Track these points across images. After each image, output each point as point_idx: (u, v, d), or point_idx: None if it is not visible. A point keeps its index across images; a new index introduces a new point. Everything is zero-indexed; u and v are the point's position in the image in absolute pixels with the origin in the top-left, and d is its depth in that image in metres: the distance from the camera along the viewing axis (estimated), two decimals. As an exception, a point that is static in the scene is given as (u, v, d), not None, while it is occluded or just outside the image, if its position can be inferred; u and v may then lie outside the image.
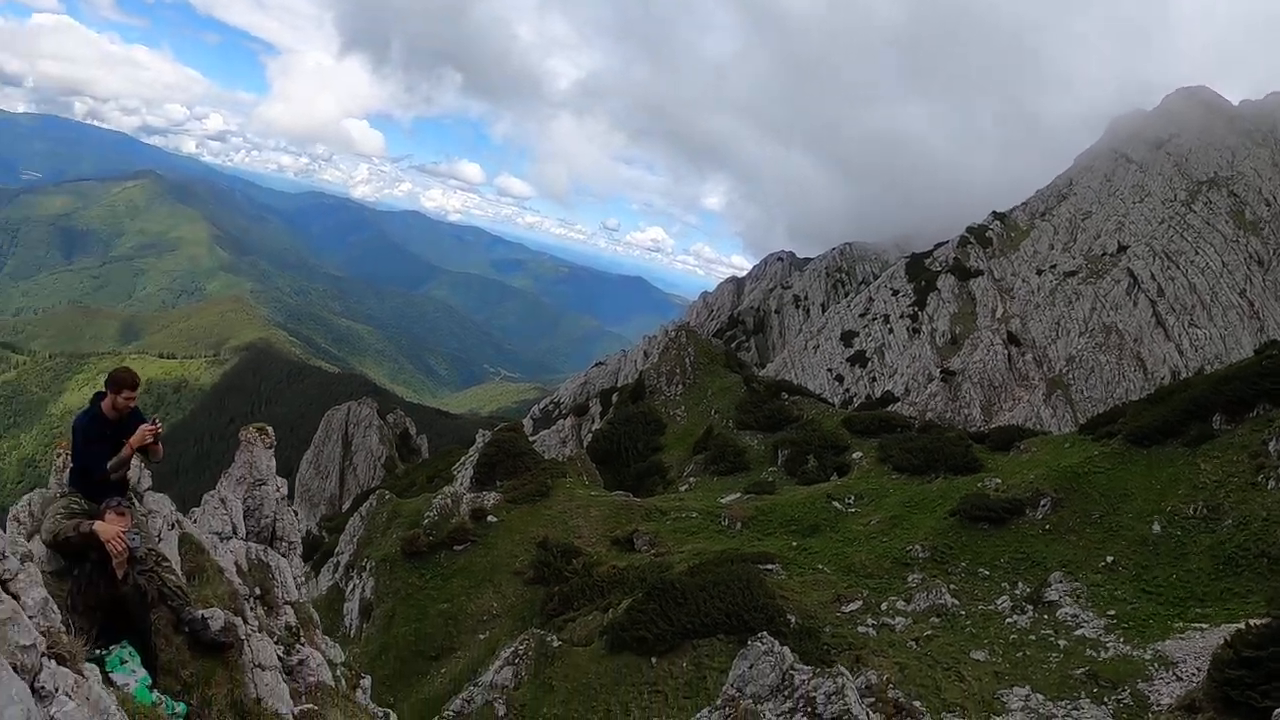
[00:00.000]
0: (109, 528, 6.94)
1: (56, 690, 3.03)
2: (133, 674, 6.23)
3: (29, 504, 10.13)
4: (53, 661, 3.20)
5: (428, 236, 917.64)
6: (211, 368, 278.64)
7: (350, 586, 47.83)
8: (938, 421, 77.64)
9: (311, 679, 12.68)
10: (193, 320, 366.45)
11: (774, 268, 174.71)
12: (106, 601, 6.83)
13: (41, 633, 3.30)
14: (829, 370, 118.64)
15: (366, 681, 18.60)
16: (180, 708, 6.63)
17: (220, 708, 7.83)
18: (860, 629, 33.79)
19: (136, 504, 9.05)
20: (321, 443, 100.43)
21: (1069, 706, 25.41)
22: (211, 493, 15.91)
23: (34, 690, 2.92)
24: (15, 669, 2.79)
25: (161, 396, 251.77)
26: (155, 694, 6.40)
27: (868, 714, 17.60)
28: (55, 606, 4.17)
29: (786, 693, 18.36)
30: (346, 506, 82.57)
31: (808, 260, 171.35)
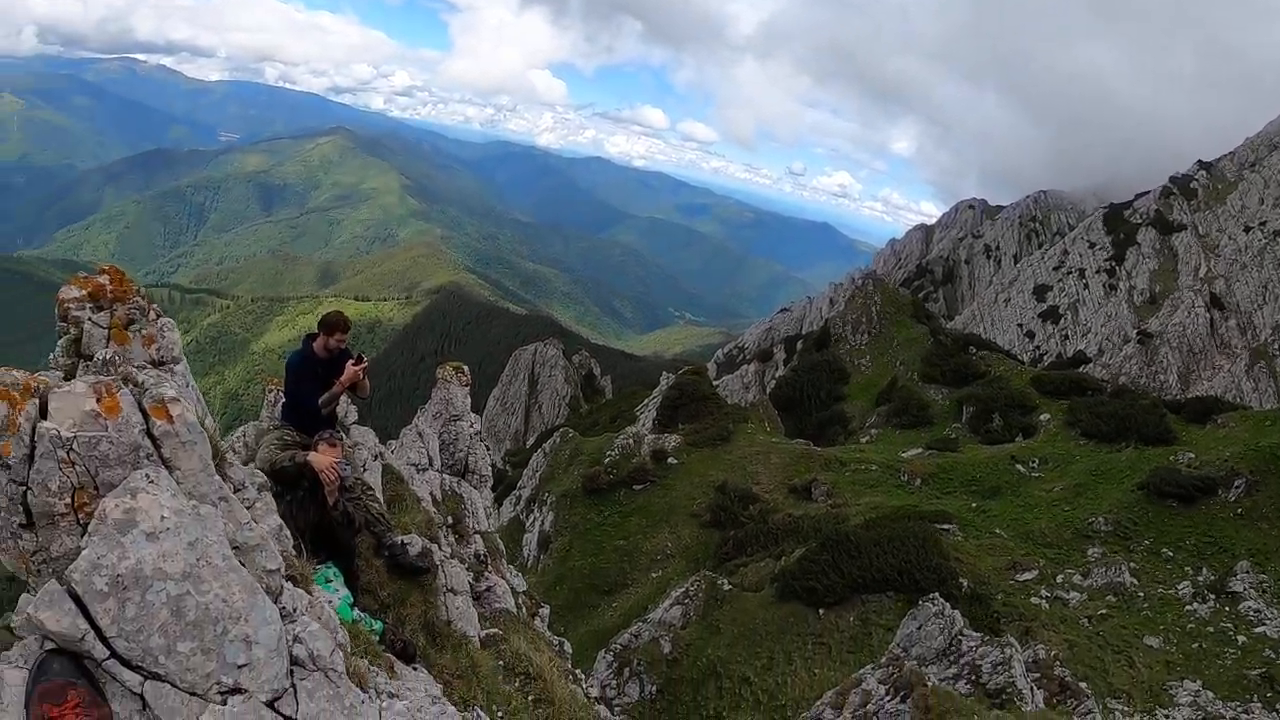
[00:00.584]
0: (322, 458, 7.54)
1: (296, 610, 3.46)
2: (336, 592, 6.68)
3: (243, 435, 11.16)
4: (289, 583, 3.66)
5: (612, 182, 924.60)
6: (403, 309, 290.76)
7: (530, 519, 49.59)
8: (1131, 386, 72.99)
9: (497, 605, 13.47)
10: (385, 265, 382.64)
11: (964, 215, 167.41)
12: (315, 526, 7.36)
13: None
14: (1019, 325, 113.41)
15: (545, 611, 19.52)
16: (377, 625, 7.12)
17: (413, 627, 8.50)
18: (1033, 600, 32.54)
19: (344, 436, 9.82)
20: (508, 381, 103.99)
21: (1239, 709, 23.76)
22: (409, 426, 16.91)
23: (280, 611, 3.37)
24: (265, 591, 3.23)
25: (357, 336, 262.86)
26: (356, 611, 6.90)
27: (1032, 689, 17.21)
28: (288, 532, 4.67)
29: (952, 658, 18.12)
30: (530, 443, 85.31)
31: (1000, 208, 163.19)
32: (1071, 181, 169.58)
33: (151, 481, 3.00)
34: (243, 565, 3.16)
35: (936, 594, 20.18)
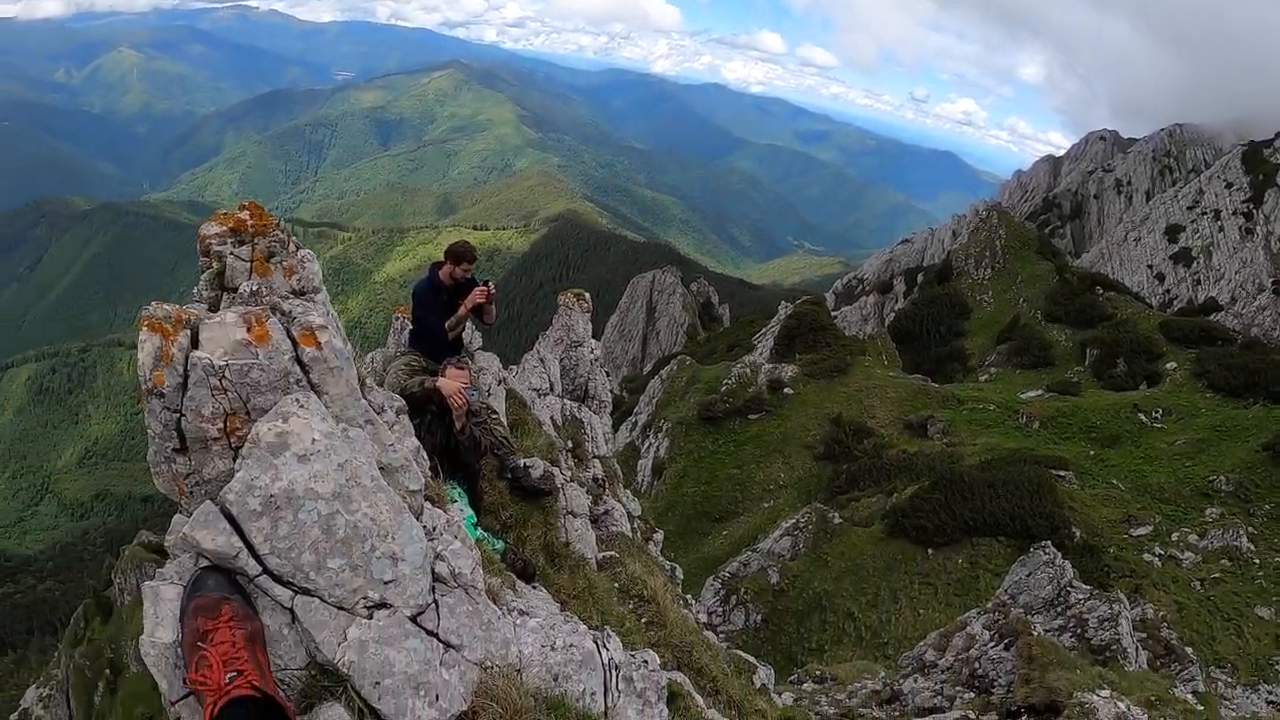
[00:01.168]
0: (450, 383, 7.72)
1: (436, 528, 3.60)
2: (460, 512, 6.78)
3: (371, 362, 11.51)
4: (428, 503, 3.80)
5: (730, 108, 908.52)
6: (521, 237, 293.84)
7: (646, 445, 50.10)
8: (1263, 339, 68.92)
9: (614, 529, 13.73)
10: (503, 195, 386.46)
11: (1095, 148, 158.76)
12: (441, 448, 7.53)
13: (416, 477, 3.92)
14: (1149, 267, 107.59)
15: (659, 536, 19.82)
16: (499, 545, 7.32)
17: (534, 548, 8.73)
18: (1145, 557, 31.35)
19: (470, 361, 10.05)
20: (626, 308, 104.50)
21: (1348, 691, 22.86)
22: (531, 352, 17.21)
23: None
24: (409, 511, 3.36)
25: (477, 264, 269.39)
26: (479, 531, 7.08)
27: (1136, 649, 16.79)
28: (425, 453, 4.83)
29: (1059, 609, 17.80)
30: (647, 370, 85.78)
31: (1132, 141, 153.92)
32: (1209, 115, 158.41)
33: (302, 406, 3.14)
34: (388, 486, 3.29)
35: (1048, 542, 19.82)
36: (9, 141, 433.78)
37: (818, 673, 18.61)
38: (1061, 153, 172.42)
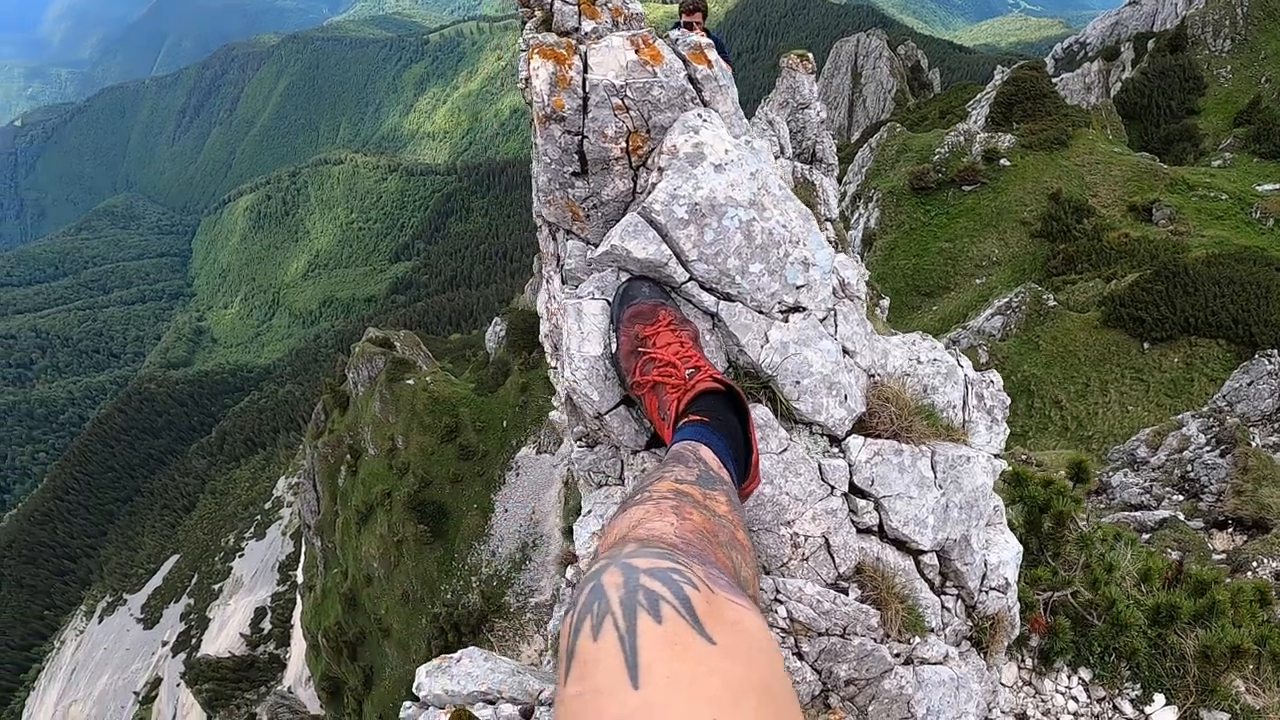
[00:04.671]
0: None
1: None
2: None
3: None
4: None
5: None
6: (716, 4, 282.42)
7: (855, 216, 49.03)
8: None
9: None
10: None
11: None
12: None
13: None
14: None
15: (885, 302, 19.76)
16: None
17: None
18: None
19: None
20: (830, 75, 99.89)
21: None
22: (757, 115, 16.92)
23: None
24: (814, 219, 3.47)
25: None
26: None
27: None
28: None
29: (1278, 423, 16.86)
30: (855, 138, 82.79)
31: None
32: None
33: (705, 120, 3.21)
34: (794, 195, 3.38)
35: (1275, 351, 18.48)
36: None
37: (1023, 457, 18.55)
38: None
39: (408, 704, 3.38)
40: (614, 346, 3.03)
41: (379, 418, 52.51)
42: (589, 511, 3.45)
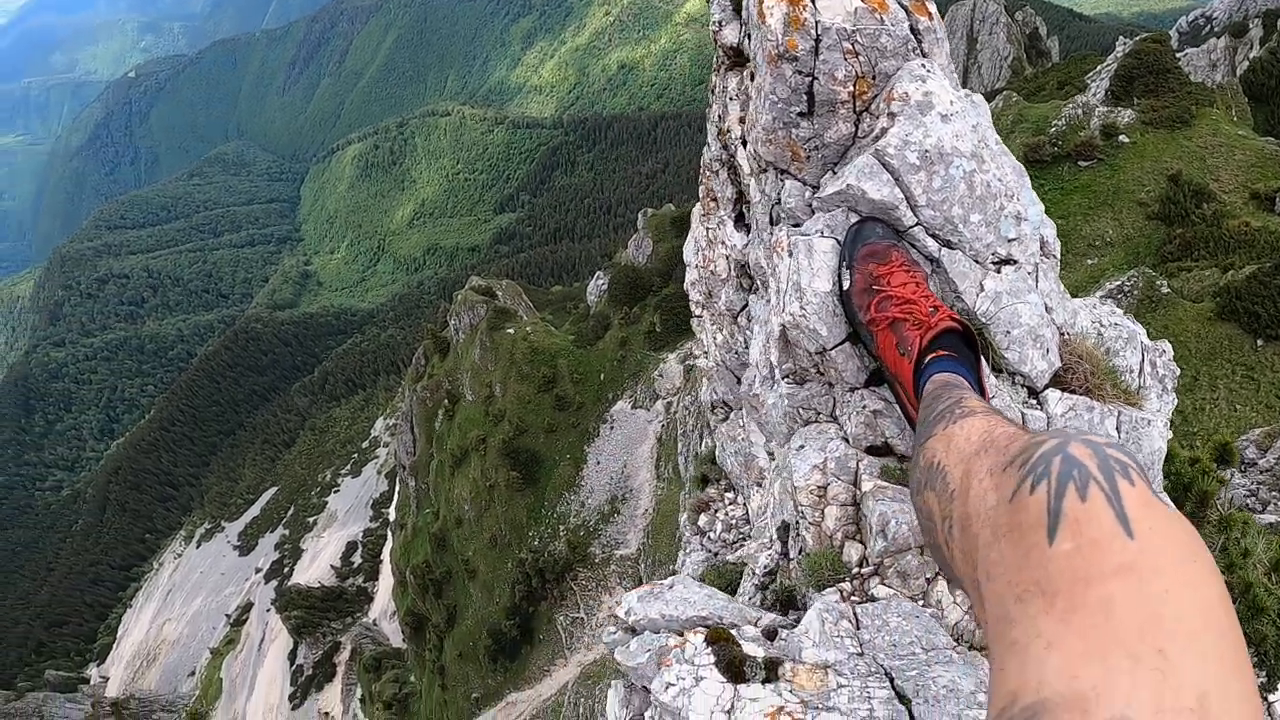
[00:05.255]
0: None
1: None
2: None
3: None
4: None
5: None
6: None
7: (966, 187, 48.04)
8: None
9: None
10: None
11: None
12: None
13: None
14: None
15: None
16: None
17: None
18: None
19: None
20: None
21: None
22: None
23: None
24: (1026, 174, 3.54)
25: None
26: None
27: None
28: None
29: None
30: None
31: None
32: None
33: (929, 71, 3.32)
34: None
35: None
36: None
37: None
38: None
39: (611, 629, 3.36)
40: (846, 283, 3.16)
41: (478, 365, 53.41)
42: (802, 446, 3.56)
